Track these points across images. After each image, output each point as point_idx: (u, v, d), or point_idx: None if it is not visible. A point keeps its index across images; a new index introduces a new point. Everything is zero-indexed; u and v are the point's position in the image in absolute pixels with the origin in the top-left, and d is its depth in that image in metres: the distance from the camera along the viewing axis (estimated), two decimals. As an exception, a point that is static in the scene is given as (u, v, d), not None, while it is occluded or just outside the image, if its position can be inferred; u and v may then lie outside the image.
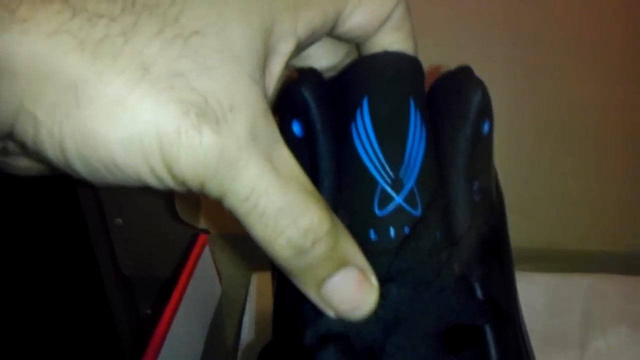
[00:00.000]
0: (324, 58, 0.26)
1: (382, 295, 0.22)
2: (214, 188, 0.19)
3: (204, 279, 0.48)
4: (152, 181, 0.19)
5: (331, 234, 0.21)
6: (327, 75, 0.26)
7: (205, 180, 0.19)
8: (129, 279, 0.51)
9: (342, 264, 0.22)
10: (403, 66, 0.24)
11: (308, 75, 0.24)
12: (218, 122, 0.18)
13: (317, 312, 0.22)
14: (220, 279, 0.52)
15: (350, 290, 0.22)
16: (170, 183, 0.19)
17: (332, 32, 0.23)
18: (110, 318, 0.48)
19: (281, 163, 0.20)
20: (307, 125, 0.24)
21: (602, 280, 0.48)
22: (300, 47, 0.22)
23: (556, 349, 0.46)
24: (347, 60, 0.26)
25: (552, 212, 0.49)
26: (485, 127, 0.24)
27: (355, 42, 0.25)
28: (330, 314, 0.22)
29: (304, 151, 0.24)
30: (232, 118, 0.18)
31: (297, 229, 0.20)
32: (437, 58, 0.27)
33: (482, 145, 0.24)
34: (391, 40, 0.24)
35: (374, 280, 0.22)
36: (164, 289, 0.46)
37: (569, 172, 0.49)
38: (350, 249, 0.22)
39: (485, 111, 0.24)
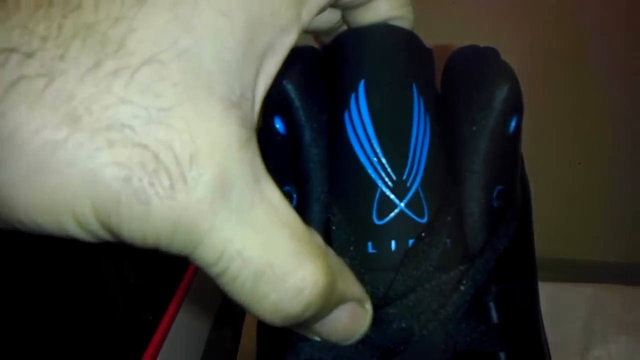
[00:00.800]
0: (322, 17, 0.21)
1: (378, 321, 0.18)
2: (173, 250, 0.14)
3: (206, 283, 0.46)
4: (93, 240, 0.15)
5: (327, 289, 0.16)
6: (330, 33, 0.21)
7: (160, 245, 0.14)
8: (133, 285, 0.49)
9: (338, 304, 0.17)
10: (402, 43, 0.19)
11: (291, 63, 0.19)
12: (173, 187, 0.13)
13: (301, 336, 0.19)
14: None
15: (342, 325, 0.18)
16: (115, 240, 0.15)
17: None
18: (114, 324, 0.46)
19: (263, 209, 0.15)
20: (290, 122, 0.19)
21: (604, 290, 0.46)
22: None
23: (557, 358, 0.44)
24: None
25: (555, 222, 0.47)
26: (512, 125, 0.19)
27: (345, 8, 0.20)
28: (317, 339, 0.18)
29: (288, 150, 0.19)
30: (193, 175, 0.14)
31: (284, 292, 0.15)
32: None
33: (507, 145, 0.19)
34: (387, 6, 0.20)
35: (368, 306, 0.18)
36: (165, 292, 0.44)
37: (572, 182, 0.47)
38: (347, 286, 0.17)
39: (514, 106, 0.19)
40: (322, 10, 0.17)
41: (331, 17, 0.21)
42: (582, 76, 0.44)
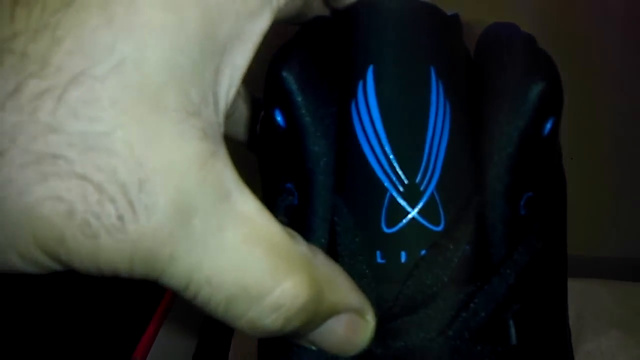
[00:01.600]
0: None
1: (383, 336, 0.16)
2: (135, 278, 0.13)
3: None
4: (45, 273, 0.13)
5: (310, 303, 0.14)
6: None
7: (119, 274, 0.13)
8: (127, 281, 0.47)
9: (330, 316, 0.15)
10: (418, 19, 0.16)
11: (292, 48, 0.16)
12: (121, 218, 0.12)
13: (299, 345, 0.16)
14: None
15: (337, 336, 0.16)
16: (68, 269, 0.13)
17: None
18: (104, 322, 0.44)
19: (234, 230, 0.13)
20: (290, 116, 0.16)
21: (595, 284, 0.45)
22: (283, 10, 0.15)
23: (549, 353, 0.43)
24: None
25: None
26: (548, 126, 0.16)
27: None
28: (313, 348, 0.16)
29: (289, 144, 0.17)
30: (144, 204, 0.12)
31: (261, 311, 0.13)
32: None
33: (540, 149, 0.16)
34: None
35: (369, 317, 0.16)
36: (157, 287, 0.42)
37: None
38: (342, 296, 0.15)
39: (551, 105, 0.16)
40: None
41: None
42: (576, 72, 0.43)
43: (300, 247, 0.14)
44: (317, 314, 0.14)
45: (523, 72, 0.16)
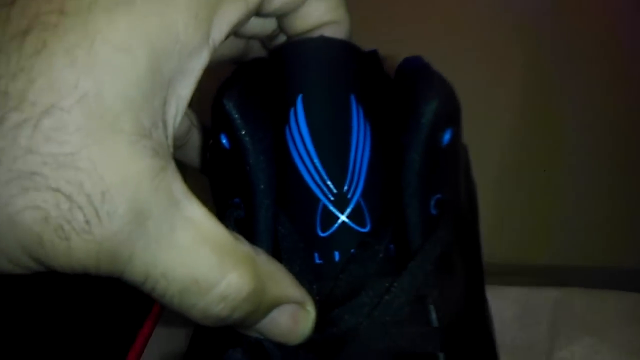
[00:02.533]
0: (258, 26, 0.20)
1: (321, 325, 0.18)
2: (102, 275, 0.15)
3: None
4: (28, 272, 0.15)
5: (254, 294, 0.16)
6: (273, 38, 0.21)
7: (88, 272, 0.15)
8: (121, 283, 0.48)
9: (273, 307, 0.17)
10: (338, 55, 0.19)
11: (233, 81, 0.19)
12: (88, 222, 0.14)
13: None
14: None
15: (282, 326, 0.18)
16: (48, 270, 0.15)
17: (257, 14, 0.18)
18: (100, 323, 0.45)
19: (184, 231, 0.15)
20: (233, 137, 0.19)
21: (569, 293, 0.46)
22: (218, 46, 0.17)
23: (524, 359, 0.44)
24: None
25: (521, 229, 0.47)
26: (446, 137, 0.19)
27: (276, 16, 0.20)
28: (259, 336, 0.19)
29: (234, 163, 0.19)
30: (106, 211, 0.14)
31: (210, 301, 0.16)
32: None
33: (442, 157, 0.19)
34: (318, 12, 0.19)
35: (310, 308, 0.18)
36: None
37: (538, 188, 0.47)
38: (283, 289, 0.17)
39: (446, 118, 0.19)
40: (237, 26, 0.17)
41: (267, 24, 0.21)
42: (546, 85, 0.44)
43: (243, 246, 0.17)
44: (261, 304, 0.17)
45: (419, 93, 0.18)
